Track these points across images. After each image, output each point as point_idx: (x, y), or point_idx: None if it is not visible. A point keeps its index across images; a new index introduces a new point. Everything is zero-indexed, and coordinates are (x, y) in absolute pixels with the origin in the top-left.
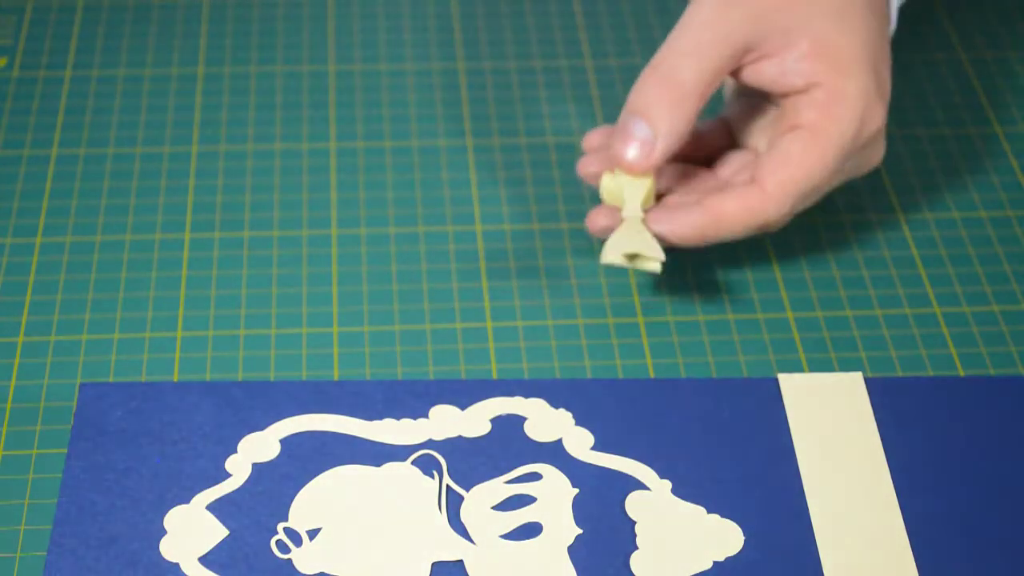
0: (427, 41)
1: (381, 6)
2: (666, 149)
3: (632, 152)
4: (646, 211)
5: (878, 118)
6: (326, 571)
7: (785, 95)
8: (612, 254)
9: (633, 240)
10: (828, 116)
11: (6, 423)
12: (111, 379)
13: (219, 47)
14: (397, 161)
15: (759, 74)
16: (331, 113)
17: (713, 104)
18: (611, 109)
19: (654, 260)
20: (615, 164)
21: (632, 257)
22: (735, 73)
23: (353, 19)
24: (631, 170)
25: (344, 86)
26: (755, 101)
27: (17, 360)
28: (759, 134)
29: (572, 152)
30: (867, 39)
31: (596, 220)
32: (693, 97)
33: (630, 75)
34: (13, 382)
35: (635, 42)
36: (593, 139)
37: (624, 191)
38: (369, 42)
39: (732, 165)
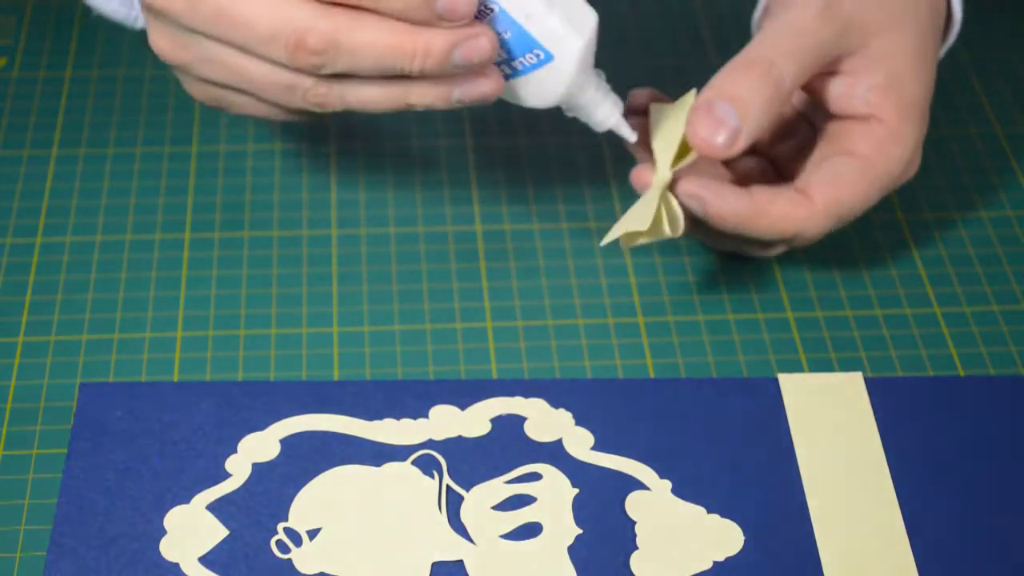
0: None
1: None
2: (747, 144)
3: (721, 137)
4: (679, 172)
5: (916, 165)
6: (326, 571)
7: (840, 117)
8: (618, 235)
9: (644, 217)
10: (882, 154)
11: (6, 423)
12: (111, 379)
13: None
14: (397, 161)
15: (825, 88)
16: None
17: None
18: None
19: (673, 224)
20: (693, 142)
21: (642, 232)
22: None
23: None
24: (709, 153)
25: None
26: (786, 111)
27: (17, 360)
28: (786, 146)
29: (572, 152)
30: (930, 85)
31: (642, 176)
32: (785, 99)
33: (630, 75)
34: (13, 382)
35: (634, 42)
36: (640, 99)
37: (661, 142)
38: None
39: (744, 166)
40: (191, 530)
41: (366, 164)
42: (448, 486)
